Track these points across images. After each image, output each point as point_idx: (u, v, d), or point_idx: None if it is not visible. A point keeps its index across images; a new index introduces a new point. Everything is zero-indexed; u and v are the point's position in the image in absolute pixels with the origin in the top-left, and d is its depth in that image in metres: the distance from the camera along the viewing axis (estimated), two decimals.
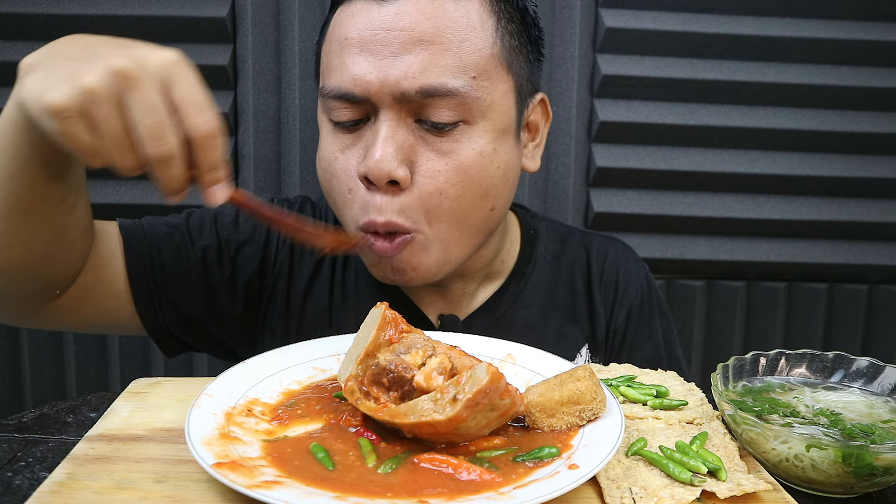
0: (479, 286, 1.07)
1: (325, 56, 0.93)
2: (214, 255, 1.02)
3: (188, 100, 0.65)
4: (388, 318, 0.73)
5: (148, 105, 0.63)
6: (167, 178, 0.66)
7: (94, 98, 0.62)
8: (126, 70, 0.62)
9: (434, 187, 0.88)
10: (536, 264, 1.10)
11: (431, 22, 0.86)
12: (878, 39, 1.56)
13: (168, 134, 0.63)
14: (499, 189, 0.93)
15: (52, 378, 1.60)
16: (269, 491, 0.54)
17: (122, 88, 0.62)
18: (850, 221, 1.62)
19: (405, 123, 0.88)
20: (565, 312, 1.09)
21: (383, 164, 0.85)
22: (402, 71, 0.85)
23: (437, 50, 0.85)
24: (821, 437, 0.63)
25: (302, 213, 1.10)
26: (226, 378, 0.74)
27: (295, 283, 1.06)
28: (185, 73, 0.66)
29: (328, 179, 0.95)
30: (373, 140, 0.87)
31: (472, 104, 0.88)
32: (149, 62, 0.63)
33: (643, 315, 1.11)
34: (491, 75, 0.89)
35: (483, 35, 0.89)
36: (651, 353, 1.10)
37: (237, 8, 1.49)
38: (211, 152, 0.66)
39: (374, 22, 0.86)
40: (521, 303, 1.07)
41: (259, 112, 1.53)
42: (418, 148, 0.88)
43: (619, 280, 1.11)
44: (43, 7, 1.46)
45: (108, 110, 0.62)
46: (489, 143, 0.90)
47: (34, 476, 0.65)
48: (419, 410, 0.62)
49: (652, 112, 1.57)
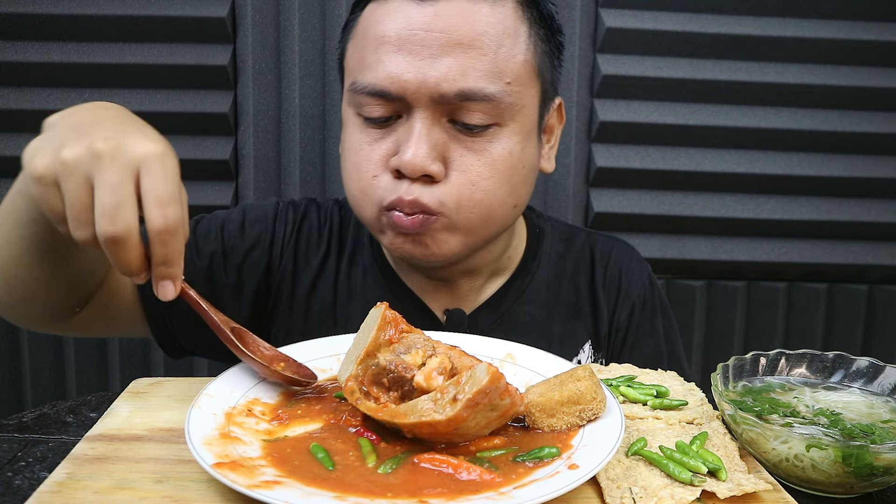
0: (486, 282, 1.08)
1: (357, 52, 0.93)
2: (220, 262, 1.03)
3: (154, 192, 0.64)
4: (388, 317, 0.73)
5: (110, 185, 0.63)
6: (117, 260, 0.65)
7: (67, 170, 0.64)
8: (102, 150, 0.64)
9: (467, 179, 0.91)
10: (542, 262, 1.12)
11: (469, 26, 0.87)
12: (878, 39, 1.56)
13: (121, 217, 0.63)
14: (522, 188, 0.97)
15: (52, 378, 1.60)
16: (269, 491, 0.54)
17: (92, 166, 0.64)
18: (850, 221, 1.62)
19: (439, 122, 0.90)
20: (569, 309, 1.10)
21: (417, 161, 0.87)
22: (441, 73, 0.86)
23: (475, 54, 0.87)
24: (821, 437, 0.63)
25: (307, 216, 1.11)
26: (226, 378, 0.74)
27: (300, 283, 1.07)
28: (161, 165, 0.65)
29: (352, 167, 0.95)
30: (406, 137, 0.89)
31: (505, 108, 0.90)
32: (128, 148, 0.65)
33: (645, 313, 1.12)
34: (523, 80, 0.92)
35: (517, 41, 0.91)
36: (652, 350, 1.11)
37: (237, 8, 1.49)
38: (165, 248, 0.66)
39: (414, 22, 0.87)
40: (525, 299, 1.09)
41: (259, 112, 1.53)
42: (451, 145, 0.91)
43: (623, 279, 1.13)
44: (43, 7, 1.46)
45: (75, 184, 0.64)
46: (518, 144, 0.93)
47: (34, 476, 0.65)
48: (419, 410, 0.62)
49: (652, 112, 1.57)
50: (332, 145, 1.56)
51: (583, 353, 1.09)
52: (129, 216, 0.64)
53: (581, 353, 1.09)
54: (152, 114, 1.50)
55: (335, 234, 1.10)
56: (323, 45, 1.54)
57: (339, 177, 1.55)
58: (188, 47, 1.50)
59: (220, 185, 1.56)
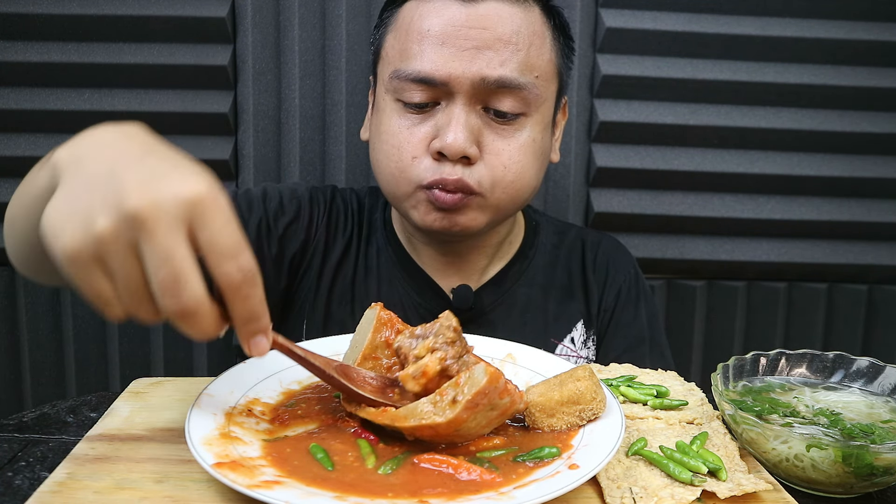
0: (490, 263, 1.19)
1: (398, 43, 1.02)
2: (265, 231, 1.11)
3: (217, 245, 0.55)
4: (382, 319, 0.73)
5: (162, 254, 0.53)
6: (193, 331, 0.57)
7: (106, 247, 0.54)
8: (139, 213, 0.53)
9: (499, 162, 1.01)
10: (538, 250, 1.23)
11: (508, 25, 0.99)
12: (878, 39, 1.56)
13: (186, 288, 0.54)
14: (539, 174, 1.09)
15: (52, 378, 1.60)
16: (270, 491, 0.54)
17: (135, 234, 0.54)
18: (850, 221, 1.62)
19: (474, 110, 1.00)
20: (563, 291, 1.22)
21: (458, 143, 0.97)
22: (484, 62, 0.97)
23: (513, 49, 0.99)
24: (821, 437, 0.63)
25: (334, 199, 1.20)
26: (226, 378, 0.74)
27: (329, 259, 1.16)
28: (213, 212, 0.55)
29: (391, 149, 1.03)
30: (447, 121, 0.99)
31: (532, 100, 1.02)
32: (170, 198, 0.54)
33: (630, 297, 1.23)
34: (548, 77, 1.05)
35: (545, 42, 1.04)
36: (635, 332, 1.21)
37: (237, 8, 1.49)
38: (247, 302, 0.58)
39: (458, 21, 0.98)
40: (524, 280, 1.20)
41: (259, 112, 1.53)
42: (484, 131, 1.01)
43: (610, 265, 1.25)
44: (43, 7, 1.46)
45: (122, 260, 0.55)
46: (539, 133, 1.05)
47: (34, 476, 0.65)
48: (419, 413, 0.62)
49: (652, 112, 1.57)
50: (333, 145, 1.56)
51: (576, 330, 1.20)
52: (194, 285, 0.55)
53: (574, 331, 1.20)
54: (152, 114, 1.50)
55: (356, 216, 1.21)
56: (323, 45, 1.54)
57: (340, 176, 1.56)
58: (188, 47, 1.50)
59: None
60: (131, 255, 0.55)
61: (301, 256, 1.15)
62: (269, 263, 1.11)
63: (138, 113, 1.50)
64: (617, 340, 1.21)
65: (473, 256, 1.16)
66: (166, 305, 0.55)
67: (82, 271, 0.55)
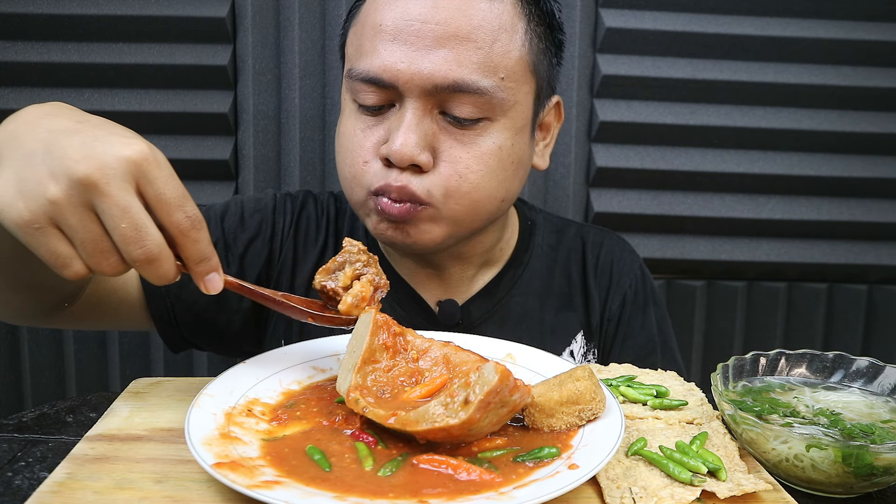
0: (478, 272, 1.09)
1: (356, 39, 0.94)
2: (223, 252, 1.03)
3: (164, 197, 0.62)
4: (378, 322, 0.73)
5: (119, 210, 0.60)
6: (155, 276, 0.64)
7: (62, 209, 0.59)
8: (88, 177, 0.59)
9: (455, 171, 0.91)
10: (533, 253, 1.13)
11: (466, 19, 0.88)
12: (878, 39, 1.56)
13: (147, 234, 0.61)
14: (511, 182, 0.97)
15: (52, 378, 1.60)
16: (269, 491, 0.54)
17: (89, 196, 0.59)
18: (850, 221, 1.62)
19: (430, 114, 0.90)
20: (561, 299, 1.12)
21: (406, 150, 0.88)
22: (435, 64, 0.87)
23: (471, 47, 0.88)
24: (821, 437, 0.63)
25: (304, 207, 1.12)
26: (226, 378, 0.74)
27: (299, 274, 1.08)
28: (156, 169, 0.62)
29: (346, 152, 0.96)
30: (397, 125, 0.90)
31: (496, 104, 0.91)
32: (112, 164, 0.60)
33: (637, 304, 1.13)
34: (517, 77, 0.92)
35: (513, 37, 0.91)
36: (645, 341, 1.12)
37: (237, 8, 1.49)
38: (197, 245, 0.65)
39: (411, 13, 0.88)
40: (518, 289, 1.10)
41: (259, 112, 1.53)
42: (441, 136, 0.91)
43: (614, 269, 1.14)
44: (43, 7, 1.46)
45: (79, 219, 0.60)
46: (508, 139, 0.94)
47: (34, 476, 0.65)
48: (431, 417, 0.61)
49: (652, 112, 1.57)
50: (332, 145, 1.56)
51: (575, 343, 1.10)
52: (154, 233, 0.61)
53: (573, 343, 1.10)
54: (152, 114, 1.50)
55: (332, 225, 1.11)
56: (323, 45, 1.54)
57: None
58: (188, 47, 1.50)
59: (220, 185, 1.56)
60: (88, 214, 0.60)
61: (267, 273, 1.07)
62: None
63: (138, 113, 1.50)
64: (625, 351, 1.11)
65: (455, 268, 1.07)
66: (131, 254, 0.61)
67: (39, 236, 0.60)
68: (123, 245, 0.61)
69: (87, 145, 0.60)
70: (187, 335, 1.04)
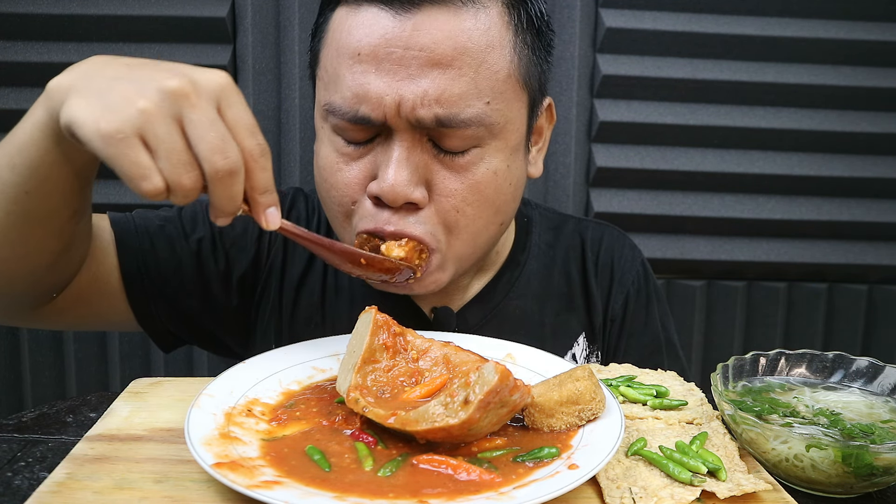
0: (473, 278, 1.06)
1: (330, 64, 0.87)
2: (209, 247, 1.01)
3: (241, 121, 0.66)
4: (379, 322, 0.73)
5: (209, 120, 0.63)
6: (228, 195, 0.65)
7: (151, 118, 0.62)
8: (181, 89, 0.63)
9: (451, 205, 0.86)
10: (531, 253, 1.09)
11: (450, 42, 0.81)
12: (878, 39, 1.56)
13: (231, 149, 0.64)
14: (510, 204, 0.93)
15: (52, 378, 1.60)
16: (269, 491, 0.54)
17: (179, 107, 0.63)
18: (850, 221, 1.62)
19: (419, 144, 0.85)
20: (560, 301, 1.08)
21: (398, 189, 0.82)
22: (418, 96, 0.81)
23: (454, 75, 0.82)
24: (821, 437, 0.63)
25: (294, 206, 1.09)
26: (226, 378, 0.74)
27: (288, 277, 1.05)
28: (236, 95, 0.67)
29: (328, 189, 0.90)
30: (386, 161, 0.84)
31: (485, 130, 0.85)
32: (202, 82, 0.64)
33: (640, 302, 1.10)
34: (507, 96, 0.87)
35: (501, 54, 0.85)
36: (649, 339, 1.10)
37: (237, 8, 1.49)
38: (264, 173, 0.67)
39: (390, 37, 0.81)
40: (515, 292, 1.06)
41: (259, 112, 1.53)
42: (433, 167, 0.86)
43: (615, 267, 1.10)
44: (43, 7, 1.46)
45: (167, 129, 0.62)
46: (503, 162, 0.88)
47: (34, 476, 0.65)
48: (431, 417, 0.61)
49: (652, 112, 1.57)
50: None
51: (577, 345, 1.07)
52: (236, 147, 0.64)
53: (575, 346, 1.07)
54: None
55: (323, 227, 1.07)
56: None
57: None
58: (188, 47, 1.50)
59: None
60: (175, 126, 0.62)
61: (255, 273, 1.04)
62: (215, 279, 1.02)
63: None
64: (630, 351, 1.08)
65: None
66: (214, 164, 0.63)
67: (123, 146, 0.61)
68: (209, 155, 0.63)
69: (173, 68, 0.65)
70: (172, 329, 1.03)
